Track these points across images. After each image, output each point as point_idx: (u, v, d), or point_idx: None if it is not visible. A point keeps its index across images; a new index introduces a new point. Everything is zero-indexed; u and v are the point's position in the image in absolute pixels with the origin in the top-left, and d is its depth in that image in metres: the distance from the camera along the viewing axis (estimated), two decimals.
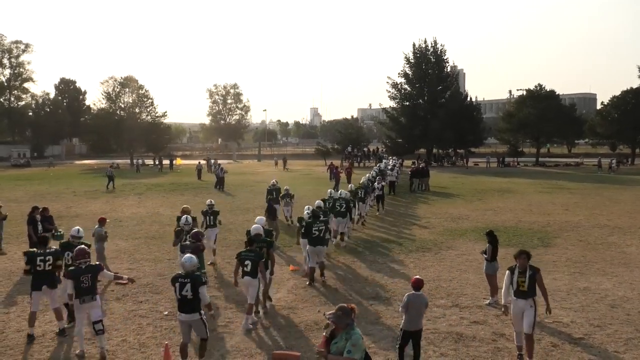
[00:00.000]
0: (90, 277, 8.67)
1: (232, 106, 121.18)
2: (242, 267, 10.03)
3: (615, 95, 65.35)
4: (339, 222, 16.76)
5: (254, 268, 9.92)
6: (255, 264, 9.94)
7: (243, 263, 10.03)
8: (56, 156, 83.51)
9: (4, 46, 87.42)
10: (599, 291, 11.92)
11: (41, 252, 9.73)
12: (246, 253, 10.17)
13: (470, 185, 35.96)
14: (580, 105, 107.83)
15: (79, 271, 8.67)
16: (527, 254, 8.54)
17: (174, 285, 8.15)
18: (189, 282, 8.02)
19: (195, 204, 27.22)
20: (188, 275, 8.10)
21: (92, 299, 8.67)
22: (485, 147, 74.80)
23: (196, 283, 8.03)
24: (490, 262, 11.22)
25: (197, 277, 8.17)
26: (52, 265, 9.68)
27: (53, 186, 37.87)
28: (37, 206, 16.24)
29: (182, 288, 8.03)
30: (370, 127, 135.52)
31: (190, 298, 7.99)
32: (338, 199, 17.21)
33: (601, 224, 20.59)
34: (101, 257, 13.49)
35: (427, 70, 62.67)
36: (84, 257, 8.85)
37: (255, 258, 10.02)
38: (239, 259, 10.15)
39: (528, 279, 8.31)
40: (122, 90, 73.20)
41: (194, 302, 8.01)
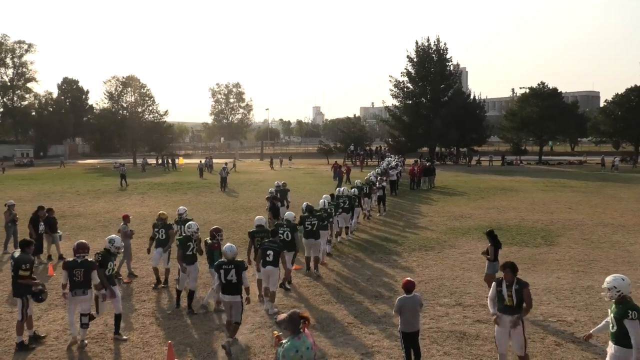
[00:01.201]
0: (83, 272, 9.01)
1: (235, 105, 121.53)
2: (264, 257, 10.67)
3: (618, 93, 65.23)
4: (343, 217, 17.24)
5: (276, 258, 10.64)
6: (277, 254, 10.68)
7: (265, 253, 10.70)
8: (60, 156, 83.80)
9: (7, 46, 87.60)
10: (603, 290, 11.86)
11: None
12: (269, 243, 10.91)
13: (473, 184, 35.92)
14: (584, 103, 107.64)
15: (74, 264, 9.07)
16: (511, 267, 7.67)
17: (219, 271, 8.95)
18: (233, 268, 8.94)
19: (197, 204, 27.35)
20: (232, 262, 9.03)
21: (84, 293, 9.03)
22: (488, 145, 74.61)
23: (239, 268, 9.00)
24: (492, 262, 11.06)
25: (240, 263, 9.12)
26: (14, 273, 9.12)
27: (56, 185, 37.95)
28: (42, 206, 16.12)
29: (227, 273, 8.92)
30: (372, 126, 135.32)
31: (235, 282, 8.91)
32: (341, 195, 17.75)
33: (605, 222, 20.54)
34: (128, 255, 13.63)
35: (430, 68, 62.52)
36: (82, 251, 9.17)
37: (278, 248, 10.78)
38: (262, 248, 10.87)
39: (515, 293, 7.52)
40: (125, 89, 73.24)
41: (237, 285, 8.93)
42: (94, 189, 35.41)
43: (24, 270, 8.98)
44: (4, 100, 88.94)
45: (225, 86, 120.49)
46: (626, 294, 6.59)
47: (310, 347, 5.31)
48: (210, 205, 26.46)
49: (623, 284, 6.61)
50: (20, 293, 9.06)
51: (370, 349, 8.79)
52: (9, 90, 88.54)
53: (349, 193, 18.40)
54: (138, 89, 73.36)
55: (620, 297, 6.56)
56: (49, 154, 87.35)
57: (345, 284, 12.69)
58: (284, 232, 12.21)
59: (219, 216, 22.32)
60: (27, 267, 9.04)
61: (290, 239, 12.36)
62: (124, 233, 13.51)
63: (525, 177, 41.12)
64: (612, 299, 6.64)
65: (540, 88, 63.92)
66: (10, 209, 17.05)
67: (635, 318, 6.32)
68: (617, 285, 6.61)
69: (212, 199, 29.36)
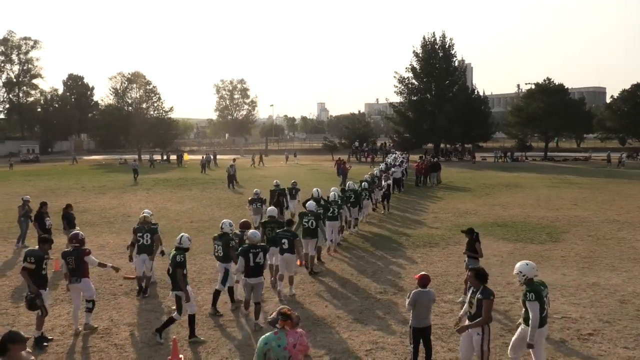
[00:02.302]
0: (74, 260, 9.43)
1: (239, 101, 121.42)
2: (281, 246, 11.41)
3: (625, 89, 64.89)
4: (350, 211, 17.71)
5: (291, 245, 11.35)
6: (291, 242, 11.36)
7: (281, 242, 11.41)
8: (65, 151, 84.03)
9: (13, 42, 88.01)
10: (608, 286, 11.85)
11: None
12: (283, 232, 11.60)
13: (478, 180, 35.83)
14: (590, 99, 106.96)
15: (66, 253, 9.60)
16: (476, 273, 7.22)
17: (247, 255, 9.49)
18: (261, 251, 9.63)
19: (201, 199, 27.42)
20: (258, 246, 9.70)
21: (77, 281, 9.44)
22: (493, 141, 74.44)
23: (265, 251, 9.78)
24: (477, 259, 10.67)
25: (265, 246, 10.00)
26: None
27: (62, 182, 38.09)
28: (45, 202, 16.18)
29: (255, 257, 9.56)
30: (377, 122, 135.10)
31: (262, 264, 9.63)
32: (348, 190, 18.36)
33: (610, 218, 20.46)
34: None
35: (435, 64, 62.41)
36: (74, 242, 9.63)
37: (291, 237, 11.45)
38: (277, 237, 11.57)
39: (476, 301, 7.06)
40: (130, 85, 73.46)
41: (263, 267, 9.67)
42: (100, 184, 35.52)
43: (28, 263, 8.92)
44: (10, 96, 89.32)
45: (230, 82, 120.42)
46: (531, 277, 7.16)
47: (284, 347, 5.18)
48: (215, 202, 26.51)
49: (527, 269, 7.19)
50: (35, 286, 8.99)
51: (375, 345, 8.79)
52: (15, 87, 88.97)
53: (354, 187, 18.91)
54: (143, 85, 73.54)
55: (526, 280, 7.13)
56: (55, 150, 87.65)
57: (349, 280, 12.69)
58: (308, 220, 13.21)
59: (224, 212, 22.34)
60: (32, 261, 8.91)
61: (315, 227, 13.22)
62: None
63: (530, 174, 41.00)
64: (521, 283, 7.24)
65: (546, 84, 63.62)
66: (26, 204, 17.23)
67: (533, 299, 6.92)
68: (522, 270, 7.18)
69: (217, 195, 29.42)
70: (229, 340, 9.15)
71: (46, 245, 9.42)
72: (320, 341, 8.99)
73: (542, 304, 6.95)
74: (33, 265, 8.92)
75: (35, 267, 8.94)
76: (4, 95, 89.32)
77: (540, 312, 6.91)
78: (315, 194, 15.43)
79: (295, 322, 5.36)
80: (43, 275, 9.07)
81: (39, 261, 9.00)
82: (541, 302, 6.94)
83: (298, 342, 5.27)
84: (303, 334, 5.39)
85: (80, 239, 9.67)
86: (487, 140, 67.09)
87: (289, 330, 5.28)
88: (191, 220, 20.94)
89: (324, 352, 8.54)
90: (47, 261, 9.28)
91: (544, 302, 7.02)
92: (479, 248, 10.81)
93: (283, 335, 5.25)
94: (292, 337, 5.26)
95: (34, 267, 8.93)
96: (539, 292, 6.96)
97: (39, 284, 8.96)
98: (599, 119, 66.17)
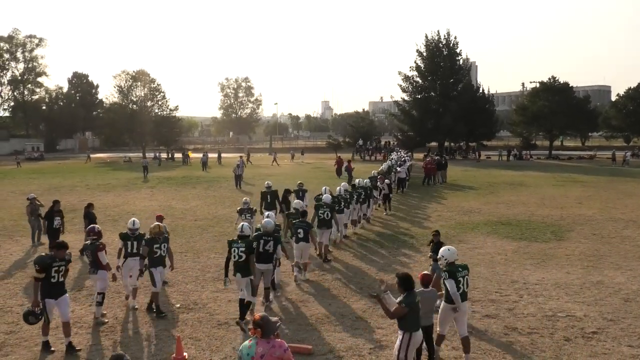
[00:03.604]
0: (91, 253, 9.97)
1: (244, 100, 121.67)
2: (297, 235, 12.37)
3: (630, 87, 64.67)
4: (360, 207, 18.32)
5: (306, 235, 12.33)
6: (307, 232, 12.35)
7: (297, 231, 12.38)
8: (69, 149, 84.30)
9: (18, 40, 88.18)
10: (613, 285, 11.82)
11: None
12: (299, 223, 12.53)
13: (483, 179, 35.77)
14: (595, 97, 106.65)
15: (84, 247, 10.25)
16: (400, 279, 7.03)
17: (259, 241, 10.20)
18: (272, 240, 10.31)
19: (206, 198, 27.45)
20: (270, 234, 10.37)
21: (94, 272, 9.97)
22: (497, 140, 74.28)
23: (277, 241, 10.48)
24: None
25: (278, 237, 10.66)
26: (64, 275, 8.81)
27: (66, 179, 38.19)
28: (58, 200, 15.97)
29: (265, 244, 10.26)
30: (381, 121, 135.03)
31: (271, 252, 10.28)
32: (359, 187, 18.84)
33: (615, 217, 20.40)
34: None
35: (440, 62, 62.28)
36: (91, 235, 10.27)
37: (307, 227, 12.42)
38: (293, 227, 12.58)
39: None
40: (134, 84, 73.60)
41: (272, 255, 10.30)
42: (104, 182, 35.60)
43: (36, 271, 8.47)
44: (15, 94, 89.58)
45: (235, 80, 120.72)
46: (452, 260, 8.14)
47: (252, 356, 4.97)
48: (219, 200, 26.54)
49: (449, 253, 8.23)
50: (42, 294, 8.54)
51: (379, 343, 8.80)
52: (20, 84, 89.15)
53: (364, 184, 19.45)
54: (148, 83, 73.70)
55: (448, 263, 8.10)
56: (59, 148, 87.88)
57: (353, 278, 12.69)
58: (324, 212, 14.15)
59: (228, 210, 22.37)
60: (38, 269, 8.43)
61: (330, 218, 14.23)
62: None
63: (535, 172, 40.89)
64: (444, 267, 8.15)
65: (551, 82, 63.40)
66: (32, 202, 17.04)
67: (448, 277, 7.97)
68: (445, 254, 8.22)
69: (221, 193, 29.44)
70: (232, 338, 9.16)
71: (61, 252, 8.71)
72: (324, 340, 9.00)
73: (457, 282, 7.96)
74: (41, 274, 8.42)
75: (45, 274, 8.44)
76: (9, 93, 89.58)
77: (456, 288, 7.91)
78: (324, 191, 16.16)
79: (267, 330, 5.05)
80: (52, 283, 8.50)
81: (47, 268, 8.45)
82: (456, 280, 7.97)
83: (268, 353, 4.98)
84: (277, 345, 5.07)
85: (97, 232, 10.26)
86: (491, 139, 66.94)
87: (259, 339, 5.03)
88: (195, 219, 20.97)
89: (327, 351, 8.55)
90: (61, 267, 8.65)
91: (459, 281, 8.01)
92: None
93: (254, 345, 5.01)
94: (262, 346, 5.00)
95: (42, 275, 8.43)
96: (453, 272, 8.01)
97: (45, 293, 8.47)
98: (604, 118, 65.95)
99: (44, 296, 8.51)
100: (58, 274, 8.57)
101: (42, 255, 8.83)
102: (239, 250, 9.75)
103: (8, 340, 9.13)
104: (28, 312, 8.55)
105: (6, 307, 10.87)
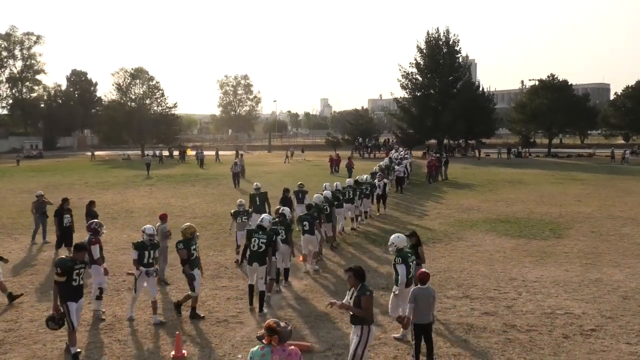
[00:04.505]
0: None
1: (243, 97, 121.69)
2: (302, 227, 12.72)
3: (629, 85, 64.63)
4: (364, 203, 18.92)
5: (311, 227, 12.70)
6: (312, 224, 12.70)
7: (302, 223, 12.76)
8: (68, 147, 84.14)
9: (16, 38, 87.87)
10: (611, 282, 11.84)
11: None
12: (305, 215, 13.00)
13: (482, 176, 35.78)
14: (594, 95, 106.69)
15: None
16: (354, 271, 6.95)
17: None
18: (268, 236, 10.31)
19: (205, 195, 27.44)
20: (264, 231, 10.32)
21: (89, 267, 9.78)
22: (497, 137, 74.25)
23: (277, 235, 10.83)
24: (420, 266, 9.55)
25: (275, 230, 10.82)
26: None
27: (65, 177, 38.16)
28: (67, 198, 15.62)
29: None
30: (380, 118, 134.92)
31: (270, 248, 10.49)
32: (364, 183, 19.41)
33: (614, 215, 20.42)
34: (164, 256, 12.26)
35: (439, 60, 62.17)
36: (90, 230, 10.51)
37: (312, 219, 12.80)
38: (299, 219, 13.18)
39: (354, 300, 6.87)
40: (133, 81, 73.38)
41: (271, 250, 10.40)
42: (103, 180, 35.58)
43: (57, 275, 8.15)
44: (13, 92, 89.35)
45: (234, 78, 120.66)
46: (401, 247, 8.81)
47: None
48: (218, 198, 26.52)
49: (398, 240, 8.91)
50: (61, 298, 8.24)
51: (377, 341, 8.80)
52: (18, 82, 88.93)
53: (365, 180, 19.97)
54: (146, 81, 73.48)
55: (397, 249, 8.76)
56: (58, 145, 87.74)
57: None
58: (324, 206, 14.41)
59: (226, 208, 22.34)
60: (58, 272, 8.13)
61: (329, 212, 14.65)
62: (163, 234, 12.21)
63: (534, 170, 40.91)
64: (392, 252, 8.90)
65: (550, 80, 63.35)
66: (39, 199, 16.86)
67: (400, 263, 8.55)
68: (394, 241, 8.88)
69: (220, 190, 29.42)
70: (231, 335, 9.17)
71: (80, 254, 8.56)
72: (324, 337, 9.01)
73: (407, 267, 8.53)
74: (63, 278, 8.14)
75: (66, 278, 8.18)
76: (7, 91, 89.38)
77: (406, 273, 8.47)
78: (325, 188, 16.92)
79: (283, 337, 4.89)
80: (74, 286, 8.27)
81: (68, 271, 8.18)
82: (407, 265, 8.53)
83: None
84: (293, 353, 4.93)
85: (92, 228, 10.46)
86: (490, 137, 66.92)
87: (275, 346, 4.88)
88: (194, 216, 20.96)
89: (327, 348, 8.56)
90: (81, 270, 8.47)
91: (410, 265, 8.58)
92: (422, 253, 9.85)
93: (268, 352, 4.86)
94: (277, 354, 4.85)
95: (64, 279, 8.15)
96: (405, 257, 8.61)
97: (68, 296, 8.22)
98: (603, 116, 65.93)
99: (66, 299, 8.19)
100: (79, 277, 8.40)
101: (64, 258, 8.55)
102: (260, 240, 10.05)
103: (7, 338, 9.12)
104: (49, 317, 8.33)
105: (6, 305, 10.85)
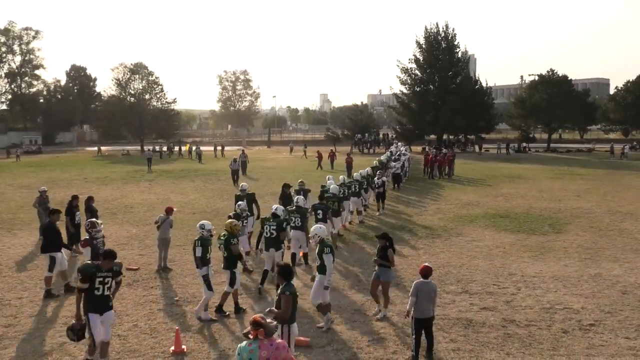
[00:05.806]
0: None
1: (242, 92, 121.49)
2: (316, 216, 13.59)
3: (629, 80, 64.58)
4: (354, 201, 18.48)
5: (324, 216, 13.53)
6: (325, 213, 13.60)
7: (316, 212, 13.69)
8: (67, 143, 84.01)
9: (15, 33, 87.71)
10: (610, 277, 11.85)
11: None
12: (318, 205, 13.96)
13: (481, 172, 35.78)
14: (594, 90, 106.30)
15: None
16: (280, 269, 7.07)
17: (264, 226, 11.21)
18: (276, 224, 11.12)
19: (204, 190, 27.43)
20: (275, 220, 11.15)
21: None
22: (496, 132, 74.20)
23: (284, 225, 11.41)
24: (389, 268, 9.75)
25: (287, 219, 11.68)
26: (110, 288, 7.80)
27: (64, 173, 38.13)
28: (76, 195, 15.28)
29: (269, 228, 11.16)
30: (380, 113, 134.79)
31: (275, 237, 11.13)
32: (353, 180, 19.06)
33: (613, 210, 20.43)
34: (166, 247, 13.10)
35: (438, 55, 62.05)
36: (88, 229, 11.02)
37: (325, 208, 13.75)
38: (312, 208, 14.06)
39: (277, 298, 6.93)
40: (132, 76, 73.26)
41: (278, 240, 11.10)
42: (102, 175, 35.55)
43: (80, 280, 7.57)
44: (12, 87, 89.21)
45: (233, 73, 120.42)
46: (323, 237, 9.30)
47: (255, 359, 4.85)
48: (217, 193, 26.51)
49: (321, 231, 9.40)
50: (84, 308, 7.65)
51: (377, 335, 8.82)
52: (17, 77, 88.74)
53: (365, 174, 20.46)
54: (146, 76, 73.35)
55: (320, 240, 9.20)
56: (57, 141, 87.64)
57: (351, 271, 12.71)
58: (333, 202, 14.98)
59: (227, 203, 22.35)
60: (80, 278, 7.56)
61: (337, 208, 15.18)
62: (166, 226, 13.14)
63: (533, 165, 40.92)
64: (315, 242, 9.31)
65: (550, 75, 63.31)
66: (42, 194, 16.59)
67: (329, 252, 9.01)
68: (317, 232, 9.35)
69: (219, 186, 29.40)
70: (231, 330, 9.18)
71: (107, 261, 7.72)
72: (322, 332, 9.02)
73: (333, 256, 9.13)
74: (85, 284, 7.51)
75: (88, 285, 7.53)
76: (6, 86, 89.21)
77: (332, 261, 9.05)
78: (327, 179, 17.49)
79: (269, 331, 4.91)
80: (96, 295, 7.57)
81: (90, 278, 7.52)
82: (333, 254, 9.13)
83: (273, 356, 4.86)
84: (281, 347, 4.95)
85: (87, 230, 10.99)
86: (490, 132, 66.88)
87: (262, 340, 4.89)
88: (193, 212, 20.96)
89: (325, 343, 8.57)
90: (107, 279, 7.66)
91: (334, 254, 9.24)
92: (391, 256, 9.65)
93: (256, 348, 4.87)
94: (265, 349, 4.86)
95: (86, 285, 7.51)
96: (331, 247, 9.18)
97: (89, 306, 7.58)
98: (603, 111, 65.88)
99: (87, 310, 7.58)
100: (103, 286, 7.60)
101: (88, 264, 8.06)
102: (271, 227, 11.15)
103: (7, 334, 9.13)
104: (69, 326, 7.80)
105: (5, 300, 10.86)
